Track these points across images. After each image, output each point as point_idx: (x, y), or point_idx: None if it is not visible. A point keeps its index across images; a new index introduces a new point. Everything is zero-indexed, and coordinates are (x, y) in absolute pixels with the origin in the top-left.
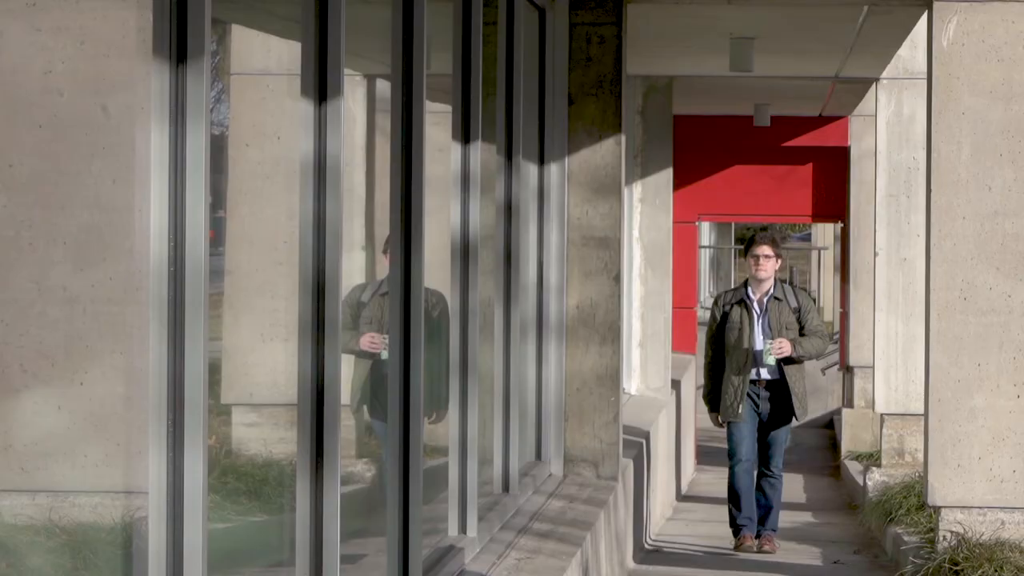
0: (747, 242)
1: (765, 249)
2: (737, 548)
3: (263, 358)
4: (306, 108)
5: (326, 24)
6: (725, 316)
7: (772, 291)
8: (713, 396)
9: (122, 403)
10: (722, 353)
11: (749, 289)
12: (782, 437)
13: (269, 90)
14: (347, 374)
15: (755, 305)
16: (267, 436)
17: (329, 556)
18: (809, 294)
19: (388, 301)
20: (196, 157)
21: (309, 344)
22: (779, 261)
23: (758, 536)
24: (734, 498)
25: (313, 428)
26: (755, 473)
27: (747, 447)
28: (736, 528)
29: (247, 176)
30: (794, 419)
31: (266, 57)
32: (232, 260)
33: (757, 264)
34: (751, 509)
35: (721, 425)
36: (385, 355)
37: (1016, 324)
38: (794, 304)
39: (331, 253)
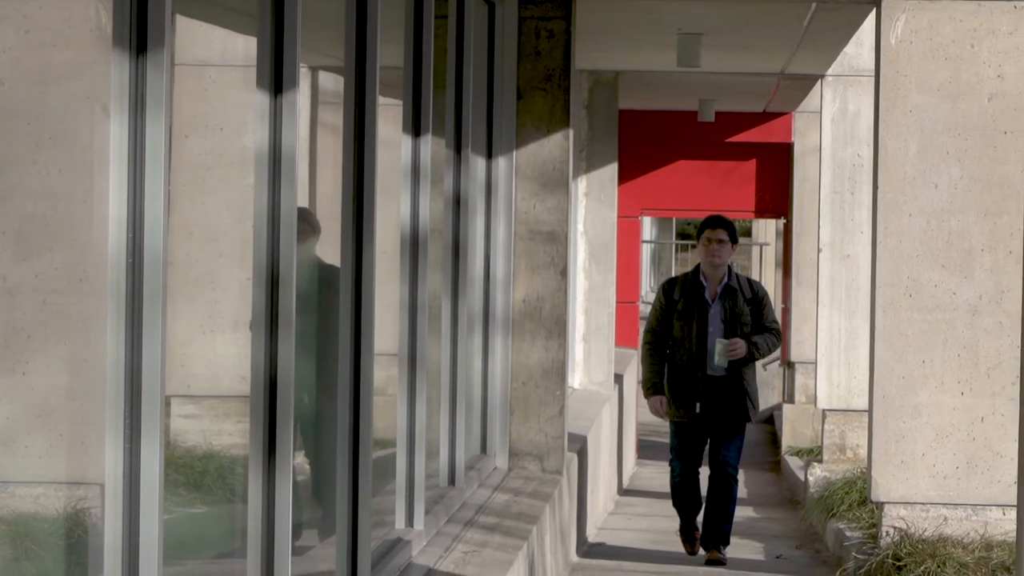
0: (700, 225)
1: (720, 233)
2: (688, 551)
3: (202, 349)
4: (261, 100)
5: (282, 16)
6: (673, 305)
7: (727, 280)
8: (656, 382)
9: (66, 394)
10: (665, 342)
11: (702, 278)
12: (738, 437)
13: (211, 81)
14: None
15: (708, 295)
16: (206, 428)
17: (281, 548)
18: (760, 283)
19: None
20: (155, 148)
21: (262, 336)
22: (734, 247)
23: (705, 543)
24: (682, 510)
25: (265, 420)
26: (699, 478)
27: (690, 458)
28: (685, 535)
29: (187, 167)
30: (748, 421)
31: (208, 48)
32: (171, 251)
33: (711, 249)
34: (698, 516)
35: (664, 416)
36: None
37: (961, 321)
38: (749, 294)
39: (285, 245)
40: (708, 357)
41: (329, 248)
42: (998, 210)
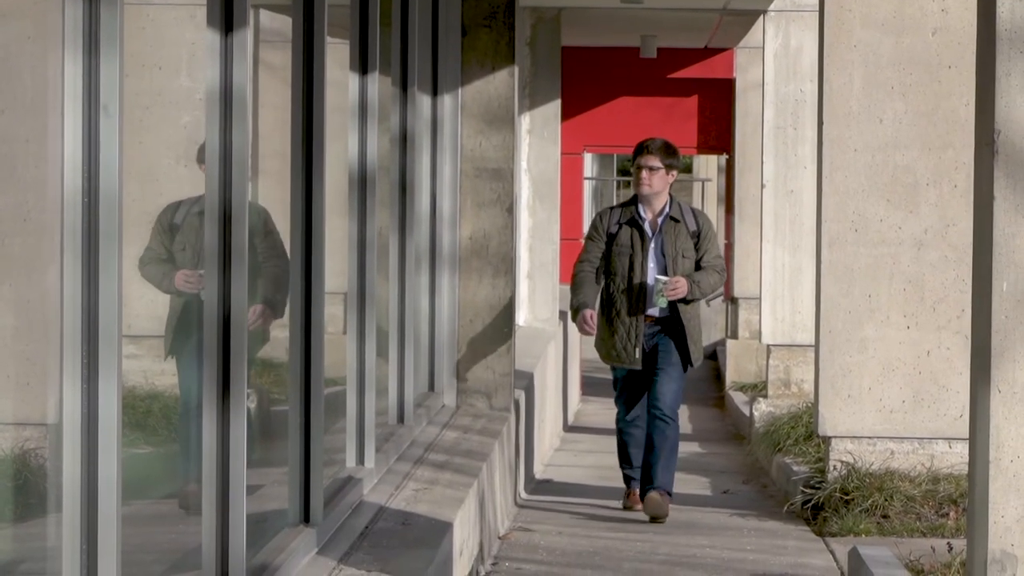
0: (634, 150)
1: (652, 160)
2: (626, 508)
3: (143, 290)
4: (211, 38)
5: None
6: (611, 238)
7: (668, 210)
8: (584, 301)
9: (12, 335)
10: (599, 274)
11: (640, 207)
12: (675, 378)
13: (149, 20)
14: (162, 314)
15: (647, 226)
16: (148, 368)
17: (235, 488)
18: (707, 215)
19: (204, 221)
20: (110, 87)
21: (215, 274)
22: (671, 174)
23: (643, 494)
24: (624, 457)
25: (219, 359)
26: (645, 421)
27: (634, 400)
28: (628, 481)
29: (125, 107)
30: (689, 366)
31: None
32: None
33: (641, 178)
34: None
35: (589, 330)
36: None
37: (906, 255)
38: (693, 227)
39: (238, 183)
40: (647, 295)
41: (276, 187)
42: (943, 144)
